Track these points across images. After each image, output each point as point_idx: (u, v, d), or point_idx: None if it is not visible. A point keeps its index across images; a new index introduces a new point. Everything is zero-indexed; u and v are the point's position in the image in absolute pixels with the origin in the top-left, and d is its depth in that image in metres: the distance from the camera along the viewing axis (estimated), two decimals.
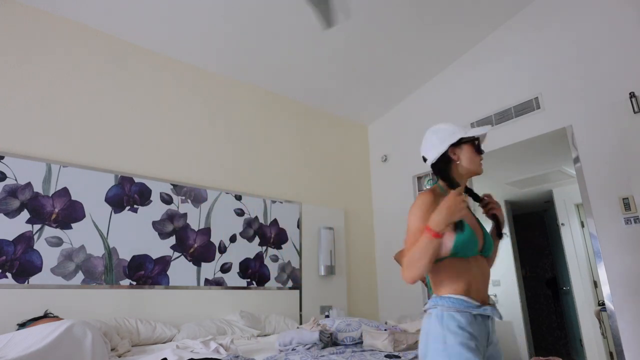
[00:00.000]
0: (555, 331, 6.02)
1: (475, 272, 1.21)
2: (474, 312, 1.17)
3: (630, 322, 2.43)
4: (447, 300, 1.18)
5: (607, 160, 2.64)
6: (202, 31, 3.12)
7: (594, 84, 2.77)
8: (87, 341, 1.72)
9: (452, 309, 1.16)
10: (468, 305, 1.17)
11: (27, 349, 1.52)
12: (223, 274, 3.20)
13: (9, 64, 2.58)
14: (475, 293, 1.20)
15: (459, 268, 1.20)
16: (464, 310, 1.16)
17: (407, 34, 3.40)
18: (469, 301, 1.17)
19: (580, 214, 4.65)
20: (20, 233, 2.39)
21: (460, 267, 1.20)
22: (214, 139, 3.48)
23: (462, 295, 1.18)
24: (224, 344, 2.08)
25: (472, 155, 1.30)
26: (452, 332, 1.13)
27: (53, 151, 2.63)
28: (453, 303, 1.17)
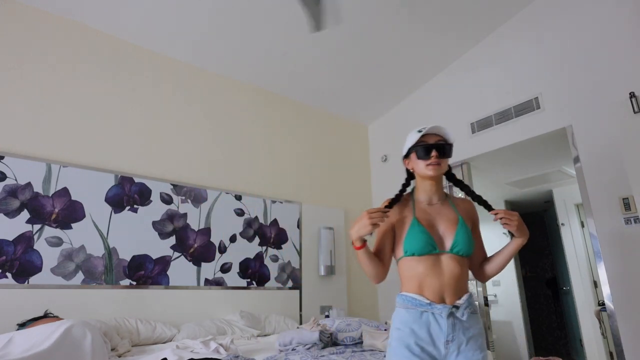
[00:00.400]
0: (555, 331, 6.02)
1: (434, 271, 1.22)
2: (421, 310, 1.20)
3: (630, 322, 2.43)
4: (400, 298, 1.27)
5: (607, 160, 2.64)
6: (202, 31, 3.13)
7: (594, 84, 2.77)
8: (86, 342, 1.72)
9: (401, 306, 1.25)
10: (415, 302, 1.21)
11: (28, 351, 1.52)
12: (223, 274, 3.20)
13: (9, 64, 2.58)
14: (431, 291, 1.21)
15: (414, 267, 1.25)
16: (412, 308, 1.21)
17: (407, 34, 3.40)
18: (417, 299, 1.21)
19: (580, 214, 4.67)
20: (20, 233, 2.39)
21: (415, 266, 1.25)
22: (214, 139, 3.48)
23: (414, 293, 1.23)
24: (224, 344, 2.08)
25: (416, 161, 1.33)
26: (396, 328, 1.22)
27: (53, 151, 2.63)
28: (403, 300, 1.25)
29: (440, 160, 1.29)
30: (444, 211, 1.33)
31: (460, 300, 1.22)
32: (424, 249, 1.23)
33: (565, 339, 5.79)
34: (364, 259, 1.23)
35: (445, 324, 1.18)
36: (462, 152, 3.62)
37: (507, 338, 4.97)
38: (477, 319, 1.25)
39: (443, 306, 1.19)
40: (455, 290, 1.22)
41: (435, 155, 1.28)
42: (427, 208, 1.33)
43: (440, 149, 1.29)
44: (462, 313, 1.19)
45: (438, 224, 1.29)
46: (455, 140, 1.35)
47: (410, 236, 1.25)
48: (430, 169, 1.28)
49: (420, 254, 1.23)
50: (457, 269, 1.23)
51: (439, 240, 1.26)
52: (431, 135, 1.32)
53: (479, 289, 3.41)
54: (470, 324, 1.21)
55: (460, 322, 1.19)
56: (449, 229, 1.28)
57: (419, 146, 1.30)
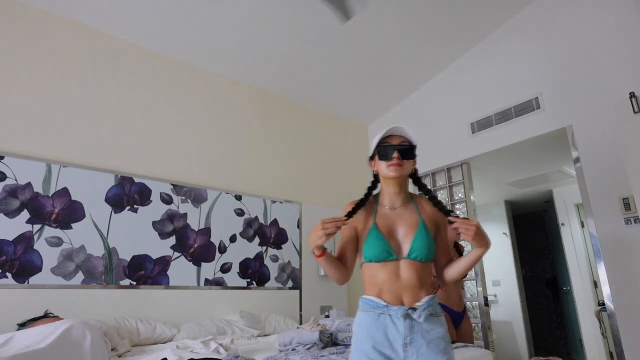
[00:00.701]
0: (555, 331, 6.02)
1: (393, 276, 1.23)
2: (378, 312, 1.21)
3: (630, 322, 2.43)
4: (360, 301, 1.29)
5: (607, 160, 2.64)
6: (201, 31, 3.12)
7: (594, 84, 2.77)
8: (86, 342, 1.71)
9: (361, 309, 1.27)
10: (373, 305, 1.23)
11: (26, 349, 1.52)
12: (223, 274, 3.20)
13: (9, 64, 2.58)
14: (389, 295, 1.22)
15: (374, 272, 1.26)
16: (370, 310, 1.23)
17: (407, 34, 3.40)
18: (375, 301, 1.23)
19: (580, 214, 4.67)
20: (20, 233, 2.39)
21: (375, 271, 1.26)
22: (214, 139, 3.48)
23: (373, 296, 1.24)
24: (224, 344, 2.08)
25: (379, 162, 1.33)
26: (355, 332, 1.25)
27: (53, 151, 2.63)
28: (363, 303, 1.27)
29: (402, 162, 1.28)
30: (406, 215, 1.32)
31: (418, 302, 1.21)
32: (380, 255, 1.23)
33: (565, 339, 5.79)
34: (325, 265, 1.25)
35: (402, 325, 1.17)
36: (462, 152, 3.63)
37: (507, 338, 4.97)
38: (439, 322, 1.23)
39: (399, 307, 1.19)
40: (414, 293, 1.22)
41: (397, 156, 1.27)
42: (388, 213, 1.33)
43: (402, 150, 1.28)
44: (419, 315, 1.18)
45: (398, 229, 1.29)
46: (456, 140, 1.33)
47: (367, 243, 1.26)
48: (392, 170, 1.28)
49: (378, 261, 1.24)
50: (415, 274, 1.23)
51: (397, 246, 1.26)
52: (395, 136, 1.32)
53: (479, 289, 3.41)
54: (430, 327, 1.20)
55: (419, 324, 1.18)
56: (408, 234, 1.27)
57: (382, 147, 1.31)
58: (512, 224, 5.35)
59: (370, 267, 1.26)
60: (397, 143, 1.30)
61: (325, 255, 1.23)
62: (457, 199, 3.71)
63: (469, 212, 3.55)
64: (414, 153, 1.32)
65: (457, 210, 3.70)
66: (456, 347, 2.26)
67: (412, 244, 1.24)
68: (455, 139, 3.70)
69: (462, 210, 3.65)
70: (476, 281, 3.43)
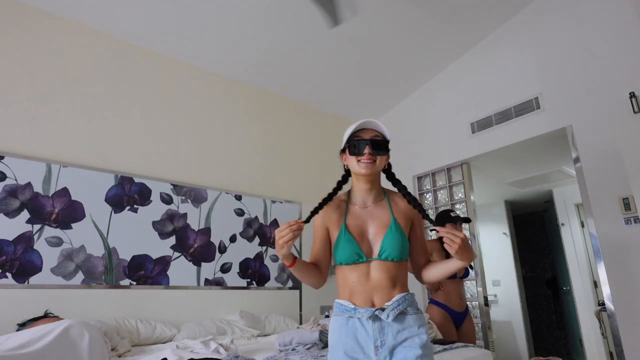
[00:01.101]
0: (555, 331, 6.02)
1: (364, 278, 1.19)
2: (347, 316, 1.18)
3: (630, 322, 2.43)
4: (334, 305, 1.26)
5: (607, 160, 2.64)
6: (201, 31, 3.12)
7: (594, 84, 2.77)
8: (84, 343, 1.71)
9: (334, 313, 1.24)
10: (343, 309, 1.20)
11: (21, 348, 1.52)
12: (223, 274, 3.20)
13: (9, 64, 2.58)
14: (359, 297, 1.18)
15: (346, 275, 1.22)
16: (340, 315, 1.20)
17: (407, 34, 3.40)
18: (344, 305, 1.19)
19: (580, 214, 4.67)
20: (20, 233, 2.39)
21: (347, 274, 1.22)
22: (214, 139, 3.48)
23: (345, 300, 1.21)
24: (224, 344, 2.08)
25: (350, 157, 1.24)
26: (329, 337, 1.22)
27: (53, 151, 2.63)
28: (336, 307, 1.24)
29: (374, 157, 1.20)
30: (378, 214, 1.25)
31: (389, 302, 1.15)
32: (350, 258, 1.19)
33: (565, 339, 5.79)
34: (298, 273, 1.21)
35: (370, 328, 1.13)
36: (462, 152, 3.63)
37: (507, 338, 4.97)
38: (414, 321, 1.16)
39: (366, 309, 1.14)
40: (385, 293, 1.17)
41: (369, 151, 1.19)
42: (359, 212, 1.26)
43: (375, 144, 1.19)
44: (387, 315, 1.12)
45: (369, 229, 1.23)
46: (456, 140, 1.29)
47: (337, 245, 1.22)
48: (363, 166, 1.20)
49: (348, 263, 1.20)
50: (386, 274, 1.18)
51: (367, 247, 1.21)
52: (367, 130, 1.23)
53: (479, 289, 3.41)
54: (402, 326, 1.14)
55: (389, 325, 1.13)
56: (378, 234, 1.21)
57: (353, 141, 1.22)
58: (512, 224, 5.35)
59: (342, 270, 1.23)
60: (370, 137, 1.21)
61: (296, 263, 1.17)
62: (457, 199, 3.71)
63: (469, 212, 3.55)
64: (387, 148, 1.24)
65: (457, 210, 3.70)
66: (456, 347, 2.26)
67: (382, 244, 1.19)
68: (455, 139, 3.70)
69: (462, 210, 3.65)
70: (476, 281, 3.43)
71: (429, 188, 3.97)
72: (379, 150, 1.21)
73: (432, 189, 3.94)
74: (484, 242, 4.66)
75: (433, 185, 3.94)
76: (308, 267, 1.23)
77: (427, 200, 4.03)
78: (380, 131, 1.23)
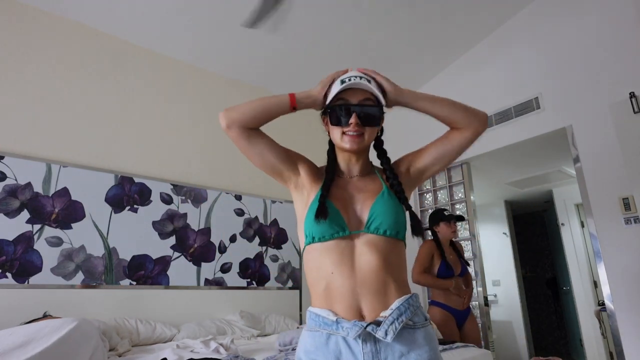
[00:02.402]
0: (555, 331, 6.02)
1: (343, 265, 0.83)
2: (327, 332, 0.81)
3: (630, 322, 2.43)
4: (307, 315, 0.89)
5: (607, 160, 2.64)
6: (202, 31, 3.12)
7: (594, 84, 2.77)
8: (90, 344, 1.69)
9: (308, 327, 0.87)
10: (319, 321, 0.83)
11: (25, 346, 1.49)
12: (223, 274, 3.20)
13: (9, 64, 2.58)
14: (340, 300, 0.82)
15: (319, 263, 0.86)
16: (316, 330, 0.84)
17: (406, 34, 3.40)
18: (321, 315, 0.83)
19: (580, 214, 4.67)
20: (20, 233, 2.39)
21: (320, 261, 0.86)
22: (214, 139, 3.48)
23: (320, 306, 0.85)
24: (224, 344, 2.08)
25: (331, 128, 0.96)
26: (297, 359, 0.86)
27: (53, 151, 2.63)
28: (309, 319, 0.87)
29: (362, 129, 0.91)
30: (365, 182, 0.97)
31: (386, 311, 0.80)
32: (328, 230, 0.84)
33: (565, 339, 5.79)
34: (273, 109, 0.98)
35: (360, 351, 0.77)
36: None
37: (507, 338, 4.97)
38: (424, 336, 0.82)
39: (353, 324, 0.78)
40: (377, 293, 0.81)
41: (356, 122, 0.89)
42: (343, 181, 0.98)
43: (364, 113, 0.90)
44: (384, 332, 0.76)
45: (355, 200, 0.92)
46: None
47: (311, 213, 0.87)
48: (347, 141, 0.91)
49: (325, 239, 0.85)
50: (377, 260, 0.82)
51: (351, 217, 0.88)
52: (356, 90, 0.92)
53: (479, 289, 3.41)
54: (409, 346, 0.78)
55: (388, 347, 0.78)
56: (368, 200, 0.90)
57: (337, 105, 0.92)
58: (512, 224, 5.35)
59: (314, 252, 0.87)
60: (358, 101, 0.92)
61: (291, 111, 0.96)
62: (457, 199, 3.71)
63: (469, 212, 3.55)
64: (380, 116, 0.94)
65: (457, 210, 3.70)
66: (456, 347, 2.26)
67: (372, 210, 0.87)
68: None
69: (462, 210, 3.65)
70: (476, 281, 3.43)
71: (429, 188, 3.97)
72: (370, 121, 0.92)
73: (432, 189, 3.94)
74: (484, 242, 4.66)
75: (433, 185, 3.94)
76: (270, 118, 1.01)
77: (427, 200, 4.03)
78: (372, 92, 0.92)
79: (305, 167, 1.00)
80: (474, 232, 3.51)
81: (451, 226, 2.78)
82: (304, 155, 1.05)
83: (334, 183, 0.96)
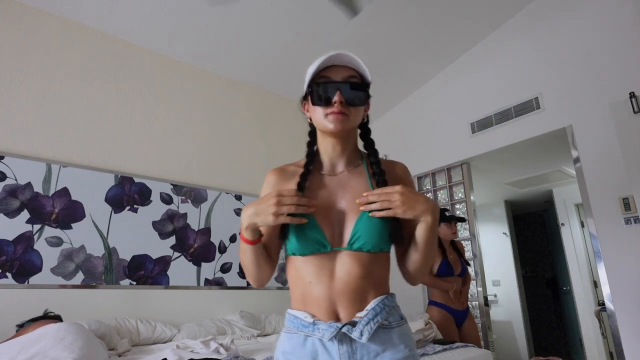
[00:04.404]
0: (555, 331, 6.02)
1: (323, 277, 0.83)
2: (304, 334, 0.83)
3: (630, 322, 2.43)
4: (286, 317, 0.89)
5: (607, 160, 2.64)
6: (202, 31, 3.12)
7: (594, 84, 2.77)
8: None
9: (286, 329, 0.88)
10: (297, 323, 0.84)
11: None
12: (223, 274, 3.20)
13: (9, 64, 2.58)
14: (317, 305, 0.83)
15: (299, 271, 0.87)
16: (294, 332, 0.85)
17: (407, 34, 3.40)
18: (299, 317, 0.84)
19: (580, 214, 4.67)
20: (20, 233, 2.39)
21: (300, 269, 0.86)
22: (214, 139, 3.48)
23: (298, 309, 0.86)
24: (224, 344, 2.08)
25: (313, 108, 0.90)
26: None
27: (53, 151, 2.63)
28: (288, 321, 0.88)
29: (348, 109, 0.86)
30: (352, 183, 0.90)
31: (361, 312, 0.81)
32: (308, 247, 0.83)
33: (565, 339, 5.79)
34: (253, 256, 0.86)
35: (336, 352, 0.78)
36: (462, 152, 3.62)
37: (507, 338, 4.97)
38: (399, 335, 0.83)
39: (328, 325, 0.79)
40: (355, 299, 0.82)
41: (340, 99, 0.84)
42: (326, 181, 0.92)
43: (349, 90, 0.85)
44: (360, 332, 0.78)
45: (337, 205, 0.87)
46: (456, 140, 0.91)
47: (290, 228, 0.86)
48: (332, 120, 0.85)
49: (304, 254, 0.84)
50: (358, 272, 0.82)
51: (333, 232, 0.85)
52: (338, 68, 0.88)
53: (479, 289, 3.41)
54: (384, 346, 0.80)
55: (364, 347, 0.79)
56: (351, 214, 0.85)
57: (318, 84, 0.88)
58: (512, 224, 5.35)
59: (295, 262, 0.88)
60: (342, 79, 0.87)
61: (259, 242, 0.86)
62: (457, 199, 3.71)
63: (469, 212, 3.55)
64: (366, 95, 0.89)
65: (457, 210, 3.70)
66: (456, 347, 2.26)
67: (356, 228, 0.83)
68: (455, 139, 3.69)
69: (462, 210, 3.65)
70: (476, 281, 3.43)
71: (429, 188, 3.97)
72: (355, 99, 0.86)
73: (432, 189, 3.94)
74: (484, 242, 4.66)
75: (433, 185, 3.94)
76: (264, 254, 0.89)
77: None
78: (357, 69, 0.88)
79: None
80: (474, 232, 3.51)
81: (452, 227, 2.79)
82: None
83: (314, 183, 0.91)
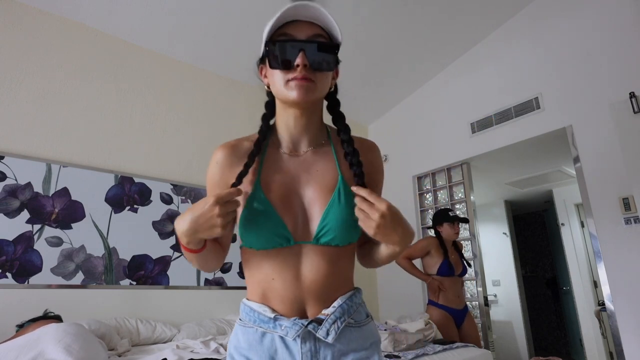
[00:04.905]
0: (555, 331, 6.02)
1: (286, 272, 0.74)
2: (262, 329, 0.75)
3: (630, 322, 2.43)
4: (241, 308, 0.82)
5: (607, 160, 2.64)
6: (202, 32, 3.12)
7: (594, 84, 2.77)
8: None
9: (241, 322, 0.80)
10: (254, 317, 0.76)
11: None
12: (223, 274, 3.20)
13: (9, 64, 2.58)
14: (280, 299, 0.74)
15: (257, 263, 0.78)
16: (250, 326, 0.77)
17: (407, 34, 3.40)
18: (257, 311, 0.76)
19: (580, 214, 4.67)
20: (20, 233, 2.39)
21: (258, 262, 0.78)
22: (214, 139, 3.48)
23: (256, 301, 0.78)
24: (224, 344, 2.08)
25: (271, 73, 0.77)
26: (229, 356, 0.79)
27: (53, 151, 2.63)
28: (243, 312, 0.80)
29: (314, 74, 0.72)
30: (317, 167, 0.78)
31: (328, 309, 0.74)
32: (269, 241, 0.73)
33: (565, 339, 5.80)
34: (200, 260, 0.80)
35: (299, 351, 0.71)
36: (462, 152, 3.62)
37: (507, 338, 4.97)
38: (365, 334, 0.77)
39: (293, 322, 0.72)
40: (321, 296, 0.74)
41: (304, 62, 0.70)
42: (286, 162, 0.79)
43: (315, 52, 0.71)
44: (326, 331, 0.71)
45: (302, 192, 0.76)
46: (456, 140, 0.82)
47: (246, 218, 0.74)
48: (294, 87, 0.72)
49: (264, 248, 0.75)
50: (325, 269, 0.74)
51: (296, 223, 0.75)
52: (302, 24, 0.74)
53: (479, 289, 3.41)
54: (349, 345, 0.74)
55: (329, 347, 0.72)
56: (317, 202, 0.74)
57: (277, 42, 0.74)
58: (512, 224, 5.35)
59: (253, 257, 0.79)
60: (306, 37, 0.73)
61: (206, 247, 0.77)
62: (457, 199, 3.71)
63: (469, 212, 3.55)
64: (335, 58, 0.74)
65: (457, 210, 3.70)
66: (456, 347, 2.26)
67: (324, 219, 0.73)
68: (455, 139, 3.70)
69: (462, 210, 3.65)
70: (476, 281, 3.43)
71: (429, 188, 3.97)
72: (323, 63, 0.72)
73: (432, 189, 3.94)
74: (484, 242, 4.66)
75: (433, 185, 3.94)
76: (213, 249, 0.84)
77: (427, 200, 4.03)
78: (324, 26, 0.73)
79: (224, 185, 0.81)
80: (474, 232, 3.51)
81: (454, 227, 2.79)
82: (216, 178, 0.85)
83: (272, 164, 0.78)
